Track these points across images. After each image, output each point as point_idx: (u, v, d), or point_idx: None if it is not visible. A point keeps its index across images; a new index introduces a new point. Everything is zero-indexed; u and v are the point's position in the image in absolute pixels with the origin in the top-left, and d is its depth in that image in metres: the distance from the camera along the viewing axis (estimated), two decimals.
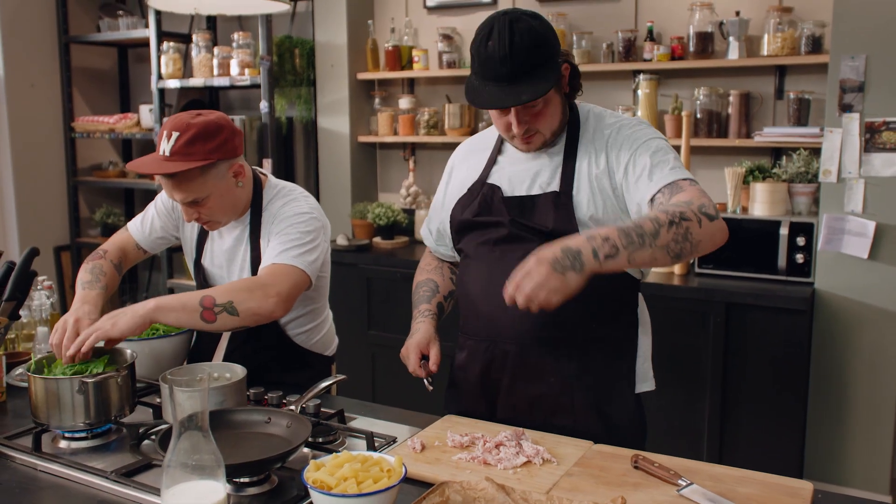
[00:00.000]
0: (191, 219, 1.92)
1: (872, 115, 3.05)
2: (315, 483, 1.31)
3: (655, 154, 1.64)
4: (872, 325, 3.14)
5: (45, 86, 4.88)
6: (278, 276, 1.85)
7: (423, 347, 1.84)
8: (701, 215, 1.49)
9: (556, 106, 1.68)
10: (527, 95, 1.59)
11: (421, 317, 1.91)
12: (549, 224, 1.69)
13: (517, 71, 1.59)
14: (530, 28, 1.59)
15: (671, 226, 1.45)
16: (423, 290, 1.98)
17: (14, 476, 1.54)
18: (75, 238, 5.07)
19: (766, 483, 1.44)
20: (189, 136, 1.80)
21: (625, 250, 1.41)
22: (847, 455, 3.24)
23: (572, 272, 1.37)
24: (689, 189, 1.57)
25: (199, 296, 1.78)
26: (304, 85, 4.48)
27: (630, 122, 1.72)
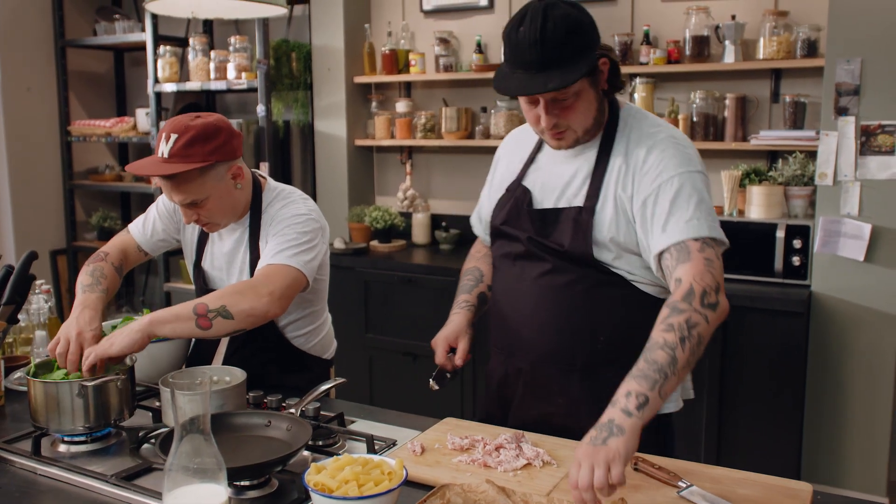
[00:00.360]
0: (190, 220, 1.92)
1: (868, 119, 3.06)
2: (316, 486, 1.31)
3: (677, 197, 1.56)
4: (869, 327, 3.15)
5: (41, 89, 4.87)
6: (272, 276, 1.84)
7: (451, 340, 1.83)
8: (705, 311, 1.45)
9: (590, 102, 1.62)
10: (554, 83, 1.53)
11: (458, 307, 1.89)
12: (564, 243, 1.67)
13: (547, 58, 1.53)
14: (565, 15, 1.53)
15: (683, 343, 1.41)
16: (467, 278, 1.96)
17: (13, 480, 1.53)
18: (72, 242, 5.06)
19: (765, 484, 1.45)
20: (188, 137, 1.80)
21: (651, 392, 1.35)
22: (844, 457, 3.25)
23: (612, 438, 1.30)
24: (696, 258, 1.50)
25: (192, 305, 1.77)
26: (300, 88, 4.48)
27: (665, 143, 1.62)
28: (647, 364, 1.39)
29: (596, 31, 1.60)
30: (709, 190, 1.61)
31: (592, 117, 1.65)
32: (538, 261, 1.72)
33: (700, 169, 1.61)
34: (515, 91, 1.59)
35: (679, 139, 1.65)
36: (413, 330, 3.84)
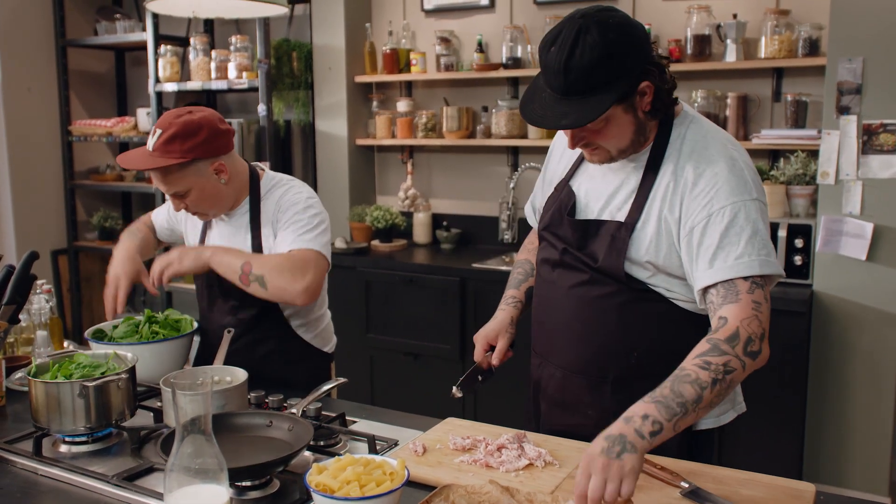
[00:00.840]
0: (178, 208, 2.04)
1: (870, 118, 3.06)
2: (318, 486, 1.31)
3: (728, 230, 1.48)
4: (871, 327, 3.15)
5: (41, 89, 4.87)
6: (310, 263, 1.96)
7: (491, 338, 1.81)
8: (745, 358, 1.40)
9: (624, 126, 1.53)
10: (568, 120, 1.47)
11: (504, 304, 1.87)
12: (598, 258, 1.62)
13: (570, 87, 1.46)
14: (597, 44, 1.43)
15: (714, 385, 1.36)
16: (517, 271, 1.94)
17: (15, 480, 1.53)
18: (73, 242, 5.06)
19: (768, 485, 1.44)
20: (168, 134, 1.91)
21: (668, 423, 1.32)
22: (846, 456, 3.25)
23: (626, 454, 1.27)
24: (744, 301, 1.44)
25: (243, 260, 1.96)
26: (301, 88, 4.48)
27: (719, 164, 1.52)
28: (673, 394, 1.34)
29: (639, 52, 1.48)
30: (766, 219, 1.52)
31: (628, 140, 1.57)
32: (574, 270, 1.68)
33: (756, 196, 1.51)
34: (531, 121, 1.53)
35: (736, 159, 1.54)
36: (414, 330, 3.84)
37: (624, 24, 1.47)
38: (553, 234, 1.73)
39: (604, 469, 1.26)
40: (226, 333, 1.96)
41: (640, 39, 1.49)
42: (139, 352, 1.91)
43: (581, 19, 1.46)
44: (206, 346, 2.17)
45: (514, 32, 3.99)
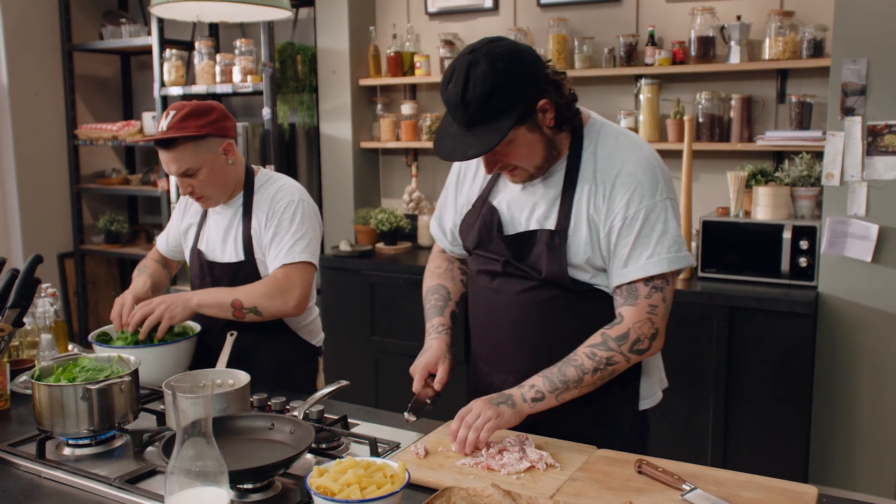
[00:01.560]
0: (186, 192, 2.12)
1: (875, 119, 3.05)
2: (319, 489, 1.31)
3: (640, 232, 1.62)
4: (876, 329, 3.14)
5: (48, 93, 4.89)
6: (294, 279, 2.09)
7: (430, 367, 1.79)
8: (630, 354, 1.64)
9: (532, 144, 1.62)
10: (474, 150, 1.55)
11: (434, 332, 1.85)
12: (541, 270, 1.70)
13: (471, 119, 1.55)
14: (486, 74, 1.51)
15: (595, 372, 1.62)
16: (434, 298, 1.93)
17: (18, 483, 1.54)
18: (79, 245, 5.08)
19: (770, 487, 1.44)
20: (184, 112, 2.05)
21: (550, 395, 1.61)
22: (851, 459, 3.23)
23: (505, 406, 1.59)
24: (641, 304, 1.63)
25: (230, 298, 2.08)
26: (306, 91, 4.49)
27: (633, 166, 1.64)
28: (559, 372, 1.62)
29: (529, 75, 1.55)
30: (676, 213, 1.66)
31: (541, 157, 1.65)
32: (519, 278, 1.74)
33: (667, 195, 1.64)
34: (443, 156, 1.61)
35: (649, 158, 1.65)
36: (419, 332, 3.81)
37: (511, 52, 1.54)
38: (487, 251, 1.78)
39: (483, 407, 1.58)
40: (228, 336, 1.97)
41: (528, 63, 1.56)
42: (142, 355, 1.92)
43: (470, 54, 1.54)
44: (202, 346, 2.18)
45: (518, 35, 3.99)
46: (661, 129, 3.74)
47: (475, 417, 1.58)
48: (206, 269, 2.23)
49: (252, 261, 2.16)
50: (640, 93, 3.73)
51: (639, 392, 1.80)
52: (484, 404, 1.60)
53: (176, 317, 2.07)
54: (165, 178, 4.56)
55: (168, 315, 2.05)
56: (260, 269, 2.17)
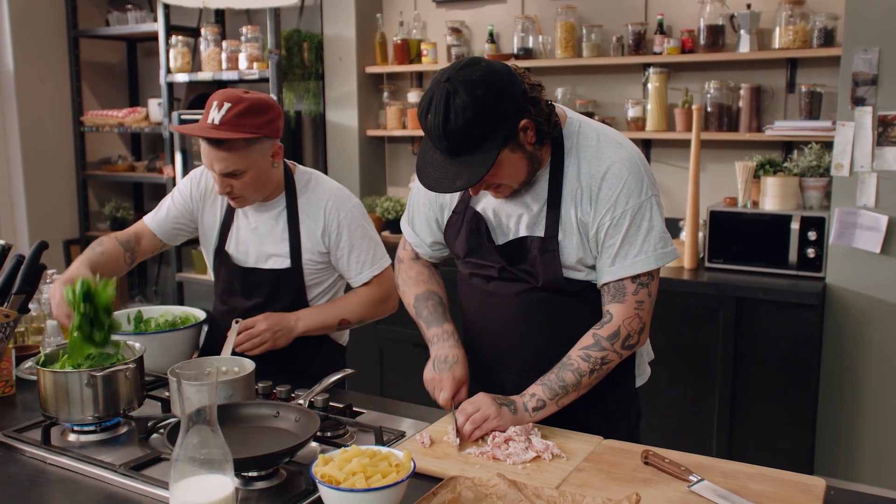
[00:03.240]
0: (223, 191, 1.96)
1: (885, 109, 3.02)
2: (323, 478, 1.30)
3: (628, 232, 1.63)
4: (884, 320, 3.12)
5: (54, 80, 4.88)
6: (388, 286, 2.12)
7: (460, 385, 1.72)
8: (622, 351, 1.67)
9: (516, 163, 1.60)
10: (461, 181, 1.52)
11: (451, 339, 1.78)
12: (538, 276, 1.70)
13: (454, 149, 1.52)
14: (466, 104, 1.47)
15: (592, 373, 1.65)
16: (430, 304, 1.86)
17: (24, 469, 1.54)
18: (85, 232, 5.08)
19: (778, 479, 1.43)
20: (241, 108, 1.87)
21: (551, 401, 1.64)
22: (858, 451, 3.22)
23: (507, 409, 1.62)
24: (629, 301, 1.65)
25: (336, 319, 2.08)
26: (312, 79, 4.47)
27: (617, 167, 1.63)
28: (557, 379, 1.64)
29: (509, 98, 1.52)
30: (661, 209, 1.67)
31: (525, 173, 1.63)
32: (516, 281, 1.74)
33: (653, 192, 1.65)
34: (429, 187, 1.57)
35: (632, 156, 1.64)
36: None
37: (488, 76, 1.50)
38: (480, 259, 1.77)
39: (486, 403, 1.61)
40: (233, 324, 1.97)
41: (506, 85, 1.52)
42: (147, 342, 1.91)
43: (447, 83, 1.49)
44: (215, 336, 2.17)
45: (526, 23, 3.96)
46: (670, 118, 3.71)
47: (475, 409, 1.61)
48: (236, 274, 2.09)
49: (299, 269, 2.06)
50: (648, 82, 3.70)
51: (634, 372, 1.83)
52: (488, 401, 1.62)
53: (279, 345, 2.01)
54: (171, 166, 4.55)
55: (271, 343, 1.99)
56: (306, 277, 2.08)
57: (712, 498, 1.35)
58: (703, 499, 1.35)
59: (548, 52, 3.94)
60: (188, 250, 4.75)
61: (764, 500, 1.35)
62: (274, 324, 1.99)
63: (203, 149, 1.92)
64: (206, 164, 1.94)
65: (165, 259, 5.08)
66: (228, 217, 2.12)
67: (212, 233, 2.15)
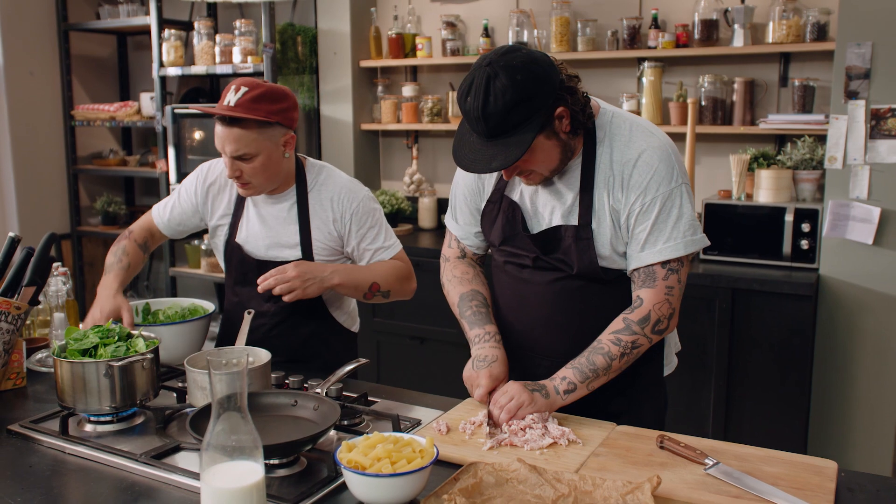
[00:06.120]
0: (232, 175, 1.98)
1: (878, 102, 3.07)
2: (349, 464, 1.32)
3: (657, 219, 1.65)
4: (876, 311, 3.17)
5: (44, 74, 4.84)
6: (410, 267, 2.17)
7: (498, 380, 1.71)
8: (652, 335, 1.68)
9: (549, 150, 1.63)
10: (497, 162, 1.56)
11: (493, 341, 1.78)
12: (573, 265, 1.72)
13: (492, 131, 1.56)
14: (507, 88, 1.52)
15: (622, 357, 1.67)
16: (474, 304, 1.86)
17: (43, 459, 1.54)
18: (76, 227, 5.05)
19: (790, 462, 1.46)
20: (257, 93, 1.92)
21: (581, 384, 1.65)
22: (850, 439, 3.28)
23: (539, 395, 1.63)
24: (659, 286, 1.67)
25: (369, 281, 2.06)
26: (306, 73, 4.47)
27: (649, 155, 1.66)
28: (588, 362, 1.66)
29: (548, 85, 1.56)
30: (691, 197, 1.69)
31: (557, 161, 1.67)
32: (551, 270, 1.77)
33: (682, 181, 1.68)
34: (464, 167, 1.63)
35: (664, 145, 1.68)
36: (420, 314, 3.85)
37: (528, 62, 1.55)
38: (515, 248, 1.80)
39: (518, 392, 1.62)
40: (246, 315, 1.97)
41: (546, 73, 1.57)
42: (158, 333, 1.92)
43: (488, 67, 1.54)
44: (228, 328, 2.18)
45: (521, 17, 3.98)
46: (664, 112, 3.75)
47: (508, 399, 1.62)
48: (248, 265, 2.10)
49: (310, 259, 2.07)
50: (643, 76, 3.73)
51: (663, 360, 1.85)
52: (519, 388, 1.63)
53: (309, 294, 1.96)
54: (164, 160, 4.53)
55: (302, 290, 1.94)
56: None
57: (729, 480, 1.38)
58: (720, 481, 1.38)
59: (543, 47, 3.96)
60: (181, 245, 4.74)
61: (779, 482, 1.38)
62: (304, 272, 1.95)
63: (217, 131, 1.94)
64: (218, 146, 1.97)
65: (158, 254, 5.05)
66: (238, 209, 2.13)
67: (222, 226, 2.16)
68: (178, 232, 2.24)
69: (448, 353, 3.79)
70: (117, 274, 2.07)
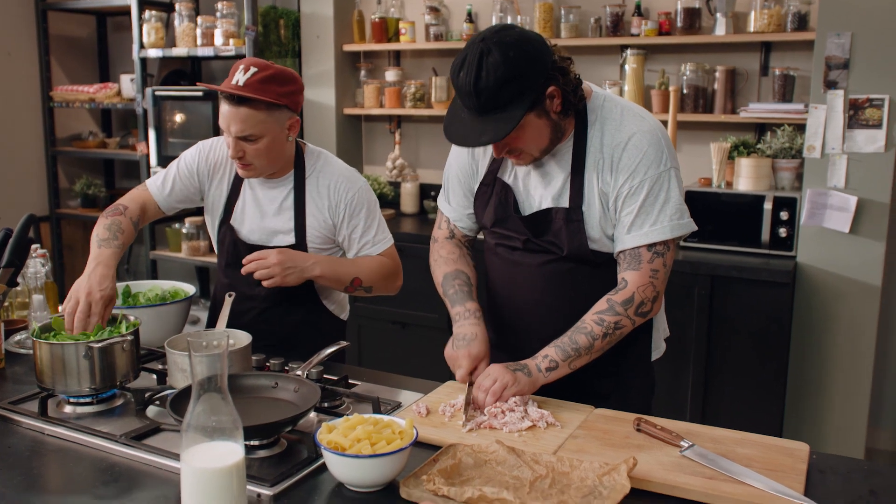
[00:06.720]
0: (235, 155, 1.96)
1: (856, 92, 3.10)
2: (329, 444, 1.33)
3: (645, 201, 1.67)
4: (852, 298, 3.22)
5: (21, 54, 4.78)
6: (397, 263, 2.15)
7: (479, 359, 1.73)
8: (635, 317, 1.70)
9: (539, 129, 1.65)
10: (487, 137, 1.59)
11: (473, 318, 1.79)
12: (563, 247, 1.74)
13: (484, 107, 1.58)
14: (499, 63, 1.53)
15: (605, 337, 1.68)
16: (457, 283, 1.88)
17: (22, 441, 1.54)
18: (55, 209, 5.00)
19: (764, 444, 1.49)
20: (267, 74, 1.91)
21: (563, 363, 1.67)
22: (824, 423, 3.33)
23: (521, 374, 1.65)
24: (644, 269, 1.68)
25: (351, 276, 2.05)
26: (289, 56, 4.44)
27: (639, 138, 1.67)
28: (570, 341, 1.68)
29: (540, 63, 1.58)
30: (680, 182, 1.71)
31: (547, 141, 1.69)
32: (541, 252, 1.78)
33: (671, 164, 1.69)
34: (455, 142, 1.65)
35: (654, 129, 1.69)
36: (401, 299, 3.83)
37: (521, 40, 1.57)
38: (505, 229, 1.81)
39: (500, 374, 1.64)
40: (227, 297, 1.97)
41: (538, 51, 1.59)
42: (139, 315, 1.91)
43: (482, 42, 1.56)
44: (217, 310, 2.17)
45: (504, 3, 3.98)
46: (646, 99, 3.76)
47: (492, 382, 1.63)
48: (240, 249, 2.08)
49: (303, 247, 2.07)
50: (625, 63, 3.74)
51: (651, 344, 1.87)
52: (502, 370, 1.65)
53: (288, 282, 1.96)
54: (144, 143, 4.50)
55: (281, 278, 1.94)
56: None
57: (703, 462, 1.40)
58: (695, 462, 1.41)
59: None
60: (162, 228, 4.71)
61: (752, 464, 1.40)
62: (286, 260, 1.95)
63: (222, 110, 1.93)
64: (223, 125, 1.95)
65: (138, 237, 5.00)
66: (235, 191, 2.12)
67: (218, 206, 2.15)
68: (173, 208, 2.17)
69: (430, 338, 3.80)
70: (115, 254, 1.93)
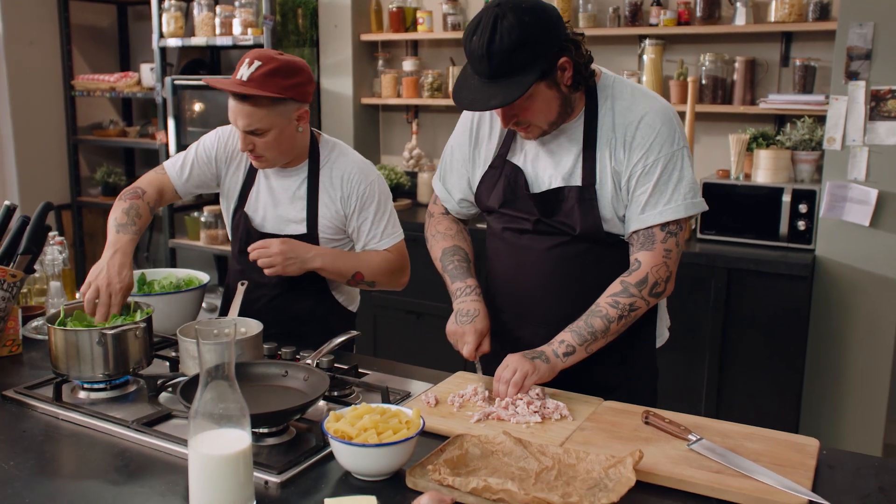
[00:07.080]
0: (245, 148, 1.97)
1: (878, 83, 3.05)
2: (336, 433, 1.34)
3: (659, 181, 1.67)
4: (871, 292, 3.18)
5: (44, 43, 4.83)
6: (404, 259, 2.15)
7: (482, 336, 1.76)
8: (650, 298, 1.70)
9: (548, 100, 1.64)
10: (496, 101, 1.57)
11: (474, 294, 1.81)
12: (575, 226, 1.72)
13: (495, 71, 1.57)
14: (513, 27, 1.53)
15: (620, 319, 1.68)
16: (455, 259, 1.88)
17: (37, 425, 1.56)
18: (76, 197, 5.06)
19: (773, 439, 1.48)
20: (270, 67, 1.89)
21: (580, 347, 1.67)
22: (841, 419, 3.30)
23: (540, 361, 1.65)
24: (657, 249, 1.68)
25: (353, 270, 2.06)
26: (307, 45, 4.45)
27: (651, 118, 1.67)
28: (586, 325, 1.67)
29: (554, 32, 1.58)
30: (691, 161, 1.71)
31: (555, 113, 1.68)
32: (551, 235, 1.77)
33: (684, 143, 1.69)
34: (463, 106, 1.64)
35: (662, 110, 1.68)
36: (417, 288, 3.84)
37: (537, 7, 1.57)
38: (513, 210, 1.80)
39: (519, 363, 1.63)
40: (239, 286, 1.99)
41: (553, 20, 1.59)
42: (153, 303, 1.93)
43: (497, 7, 1.56)
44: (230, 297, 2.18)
45: None
46: (665, 90, 3.73)
47: (512, 373, 1.63)
48: (253, 237, 2.08)
49: (315, 237, 2.07)
50: (643, 53, 3.71)
51: (655, 332, 1.87)
52: (520, 359, 1.64)
53: (289, 272, 1.98)
54: (164, 132, 4.53)
55: (282, 268, 1.96)
56: (321, 245, 2.09)
57: (711, 456, 1.40)
58: (703, 457, 1.40)
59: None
60: (181, 216, 4.75)
61: (760, 458, 1.40)
62: (287, 250, 1.96)
63: (229, 104, 1.93)
64: (231, 119, 1.96)
65: (157, 225, 5.07)
66: (250, 179, 2.13)
67: (233, 192, 2.15)
68: (190, 193, 2.17)
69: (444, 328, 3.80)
70: (133, 240, 1.96)
